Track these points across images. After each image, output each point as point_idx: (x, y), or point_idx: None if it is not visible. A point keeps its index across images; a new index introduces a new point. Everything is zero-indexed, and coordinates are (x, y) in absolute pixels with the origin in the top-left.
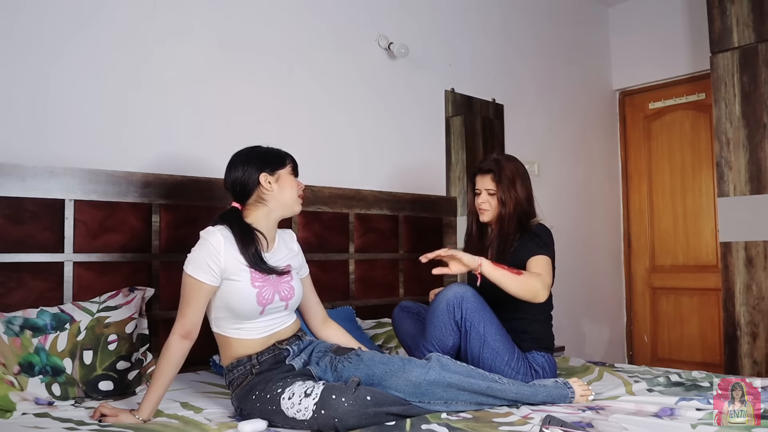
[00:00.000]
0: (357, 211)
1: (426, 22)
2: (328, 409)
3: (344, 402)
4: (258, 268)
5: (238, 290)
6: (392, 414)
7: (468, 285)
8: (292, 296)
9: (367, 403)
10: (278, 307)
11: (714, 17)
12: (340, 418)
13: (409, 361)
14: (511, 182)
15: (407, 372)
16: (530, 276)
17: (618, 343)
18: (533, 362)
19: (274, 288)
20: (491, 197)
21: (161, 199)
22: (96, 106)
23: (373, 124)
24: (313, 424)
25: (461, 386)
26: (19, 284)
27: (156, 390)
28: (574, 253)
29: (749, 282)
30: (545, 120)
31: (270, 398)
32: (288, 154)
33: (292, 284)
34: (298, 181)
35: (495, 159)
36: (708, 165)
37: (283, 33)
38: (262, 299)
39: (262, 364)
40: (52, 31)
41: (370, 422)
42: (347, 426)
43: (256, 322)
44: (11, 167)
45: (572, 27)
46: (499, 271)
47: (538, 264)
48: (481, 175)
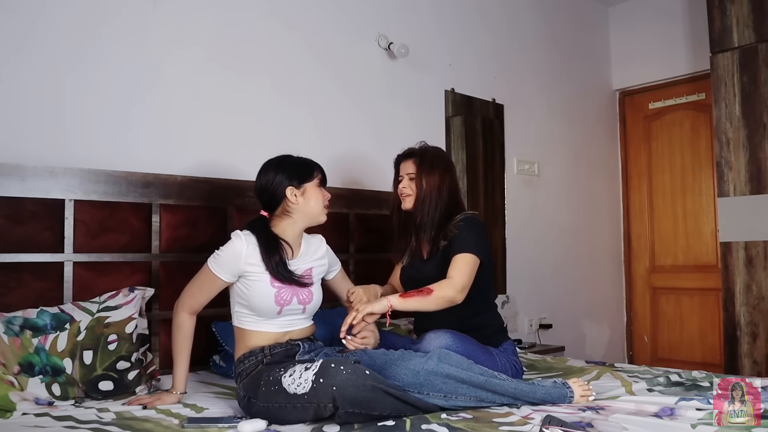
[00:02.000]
0: (357, 211)
1: (426, 22)
2: (327, 377)
3: (343, 370)
4: (279, 277)
5: (258, 290)
6: (390, 395)
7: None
8: (310, 301)
9: (366, 375)
10: (296, 310)
11: (714, 17)
12: (338, 386)
13: (409, 353)
14: (432, 166)
15: (406, 360)
16: (440, 289)
17: (618, 343)
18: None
19: (293, 291)
20: (412, 182)
21: (161, 199)
22: (96, 106)
23: (373, 124)
24: (312, 396)
25: (459, 378)
26: (19, 284)
27: (181, 364)
28: (574, 253)
29: (749, 282)
30: (545, 120)
31: (273, 380)
32: (316, 166)
33: (312, 290)
34: (324, 192)
35: (419, 146)
36: (708, 165)
37: (283, 33)
38: (281, 300)
39: (274, 356)
40: (52, 31)
41: (368, 396)
42: (345, 395)
43: (272, 320)
44: (11, 167)
45: (572, 27)
46: (410, 302)
47: (455, 265)
48: (404, 161)
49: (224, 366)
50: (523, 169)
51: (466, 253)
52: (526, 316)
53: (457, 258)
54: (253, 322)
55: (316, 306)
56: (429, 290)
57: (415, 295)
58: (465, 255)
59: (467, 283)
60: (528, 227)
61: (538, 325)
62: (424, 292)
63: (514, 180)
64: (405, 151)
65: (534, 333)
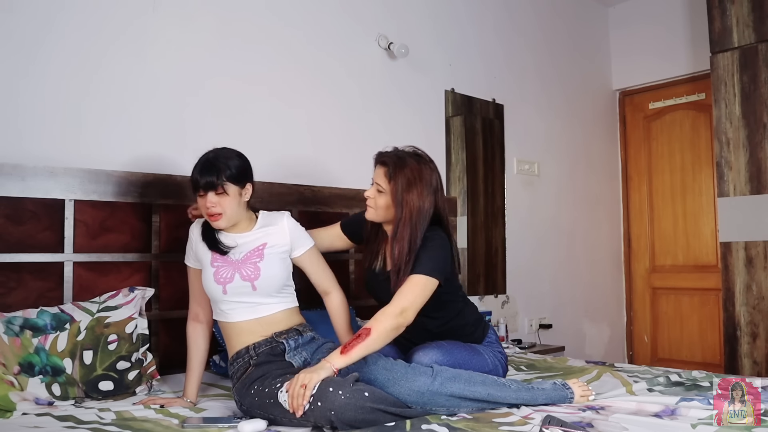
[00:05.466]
0: (357, 211)
1: (426, 22)
2: (325, 402)
3: (341, 395)
4: (213, 249)
5: (204, 274)
6: (390, 413)
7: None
8: (257, 276)
9: (365, 398)
10: (244, 288)
11: (714, 17)
12: (336, 411)
13: (412, 369)
14: (408, 184)
15: (410, 381)
16: (378, 324)
17: (618, 343)
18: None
19: (233, 268)
20: (380, 195)
21: (161, 199)
22: (96, 106)
23: (373, 124)
24: (309, 416)
25: (463, 395)
26: (19, 284)
27: (191, 373)
28: (574, 253)
29: (749, 282)
30: (545, 120)
31: (268, 392)
32: (194, 178)
33: (259, 265)
34: (204, 200)
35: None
36: (708, 165)
37: (283, 33)
38: (220, 278)
39: (260, 356)
40: (52, 31)
41: (367, 417)
42: (343, 419)
43: (227, 303)
44: (11, 167)
45: (572, 27)
46: (354, 353)
47: (402, 288)
48: (377, 166)
49: (224, 366)
50: (523, 169)
51: (417, 275)
52: (526, 316)
53: (410, 279)
54: (218, 311)
55: (270, 283)
56: (367, 331)
57: (356, 342)
58: (415, 277)
59: (409, 304)
60: (528, 227)
61: (538, 325)
62: (362, 336)
63: (514, 180)
64: (382, 154)
65: (534, 333)
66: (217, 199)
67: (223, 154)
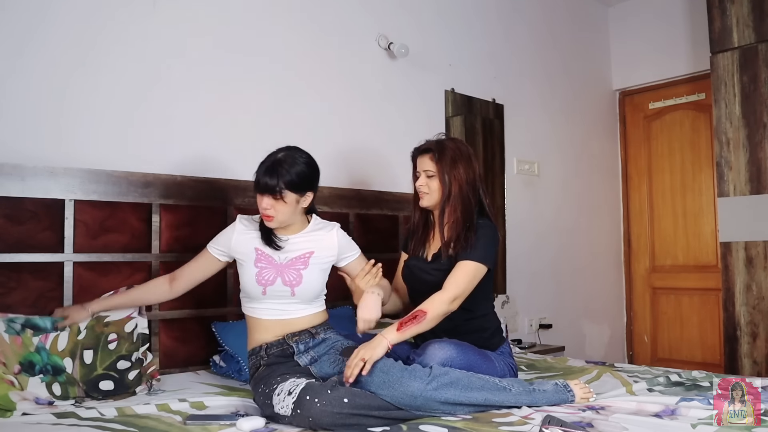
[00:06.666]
0: (357, 211)
1: (426, 22)
2: (303, 409)
3: (317, 402)
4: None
5: (244, 270)
6: (373, 417)
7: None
8: (298, 283)
9: (343, 404)
10: (283, 292)
11: (714, 17)
12: (313, 418)
13: (409, 372)
14: (453, 161)
15: (404, 385)
16: (432, 308)
17: (618, 343)
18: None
19: (277, 271)
20: (430, 180)
21: (161, 199)
22: (96, 106)
23: (373, 125)
24: (292, 420)
25: (458, 402)
26: (19, 284)
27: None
28: (574, 253)
29: (749, 282)
30: (545, 120)
31: (267, 393)
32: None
33: (302, 272)
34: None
35: (436, 139)
36: (708, 165)
37: (284, 33)
38: (262, 279)
39: (270, 357)
40: (53, 31)
41: (346, 422)
42: (321, 425)
43: (261, 302)
44: (11, 167)
45: (572, 27)
46: (408, 332)
47: (455, 272)
48: (421, 156)
49: (224, 366)
50: (523, 169)
51: (469, 261)
52: (526, 316)
53: (461, 265)
54: (249, 307)
55: (309, 292)
56: (423, 313)
57: (410, 323)
58: (467, 263)
59: (461, 292)
60: (528, 227)
61: (538, 325)
62: (418, 317)
63: (514, 180)
64: (421, 146)
65: (534, 333)
66: (273, 202)
67: (290, 159)
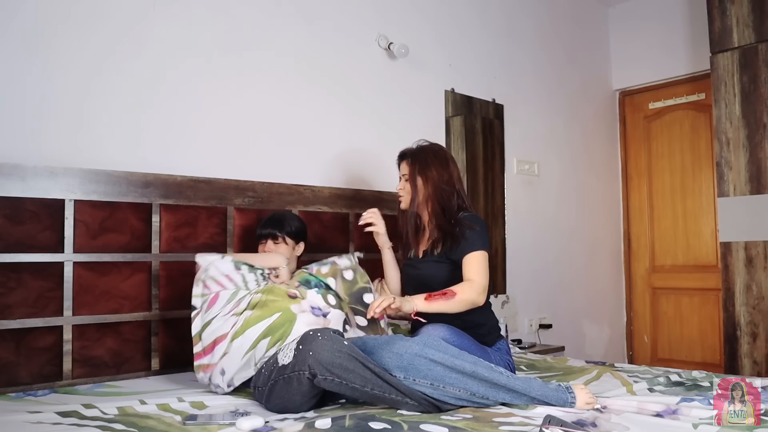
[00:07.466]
0: (357, 211)
1: (426, 21)
2: (305, 343)
3: (320, 337)
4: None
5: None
6: (368, 369)
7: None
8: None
9: (343, 345)
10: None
11: (714, 17)
12: (314, 351)
13: (400, 337)
14: (426, 165)
15: (391, 344)
16: (463, 292)
17: (618, 343)
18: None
19: None
20: (407, 183)
21: (161, 199)
22: (96, 107)
23: (373, 125)
24: (294, 365)
25: (446, 364)
26: (19, 284)
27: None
28: (574, 253)
29: (749, 282)
30: (545, 120)
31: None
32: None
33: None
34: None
35: (416, 146)
36: (708, 165)
37: (283, 33)
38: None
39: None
40: (53, 31)
41: (343, 363)
42: (321, 360)
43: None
44: (11, 167)
45: (572, 27)
46: (434, 304)
47: (470, 265)
48: (401, 161)
49: None
50: (523, 169)
51: (478, 251)
52: (526, 316)
53: (471, 257)
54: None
55: None
56: (453, 293)
57: (439, 297)
58: (477, 253)
59: (486, 282)
60: (528, 227)
61: (538, 325)
62: (448, 295)
63: (514, 180)
64: (400, 152)
65: (534, 333)
66: (274, 247)
67: (288, 216)
